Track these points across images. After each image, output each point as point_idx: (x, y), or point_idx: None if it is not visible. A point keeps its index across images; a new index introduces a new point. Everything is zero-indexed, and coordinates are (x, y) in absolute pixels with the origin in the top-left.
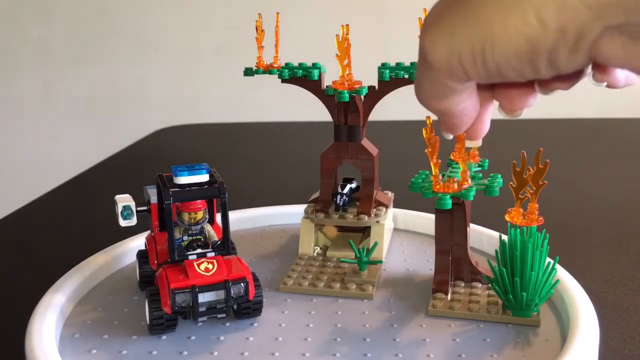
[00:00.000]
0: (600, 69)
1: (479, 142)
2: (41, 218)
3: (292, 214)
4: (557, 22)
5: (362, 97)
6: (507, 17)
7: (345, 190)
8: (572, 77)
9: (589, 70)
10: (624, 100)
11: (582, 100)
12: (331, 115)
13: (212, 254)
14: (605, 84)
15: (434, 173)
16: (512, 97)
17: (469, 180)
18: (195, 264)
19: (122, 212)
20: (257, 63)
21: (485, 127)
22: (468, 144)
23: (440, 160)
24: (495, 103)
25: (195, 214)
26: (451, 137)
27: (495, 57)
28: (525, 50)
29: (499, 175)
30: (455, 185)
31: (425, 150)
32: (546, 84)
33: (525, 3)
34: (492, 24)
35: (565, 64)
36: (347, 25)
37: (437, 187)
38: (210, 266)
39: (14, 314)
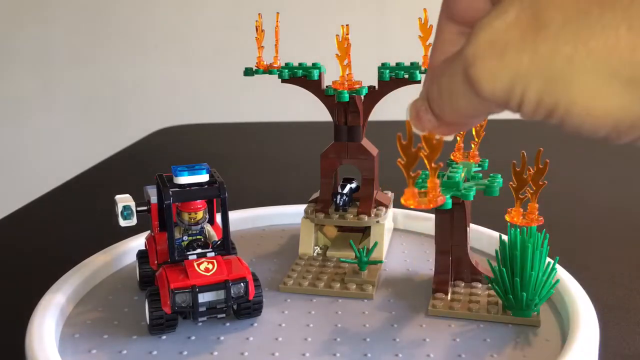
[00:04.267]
0: None
1: (451, 137)
2: (41, 218)
3: (292, 214)
4: None
5: (362, 97)
6: (601, 91)
7: (345, 190)
8: None
9: None
10: None
11: None
12: (331, 115)
13: (212, 254)
14: None
15: (431, 180)
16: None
17: (439, 194)
18: (195, 264)
19: (122, 212)
20: (257, 63)
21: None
22: (442, 137)
23: (441, 164)
24: None
25: (195, 214)
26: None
27: (565, 120)
28: (607, 130)
29: (499, 175)
30: (426, 200)
31: (398, 161)
32: None
33: (634, 84)
34: (574, 91)
35: None
36: (347, 25)
37: (407, 199)
38: (210, 266)
39: (14, 314)
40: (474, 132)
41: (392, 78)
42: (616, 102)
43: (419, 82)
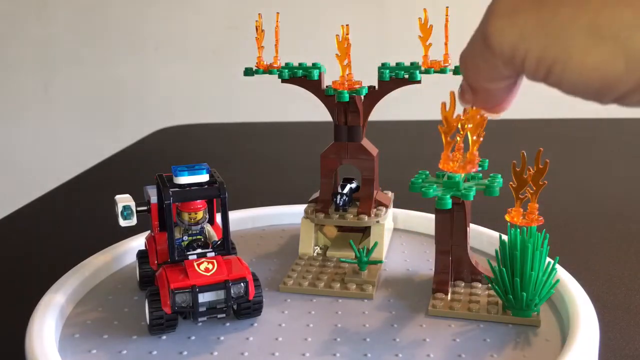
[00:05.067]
0: None
1: (499, 115)
2: (41, 218)
3: (292, 214)
4: None
5: (362, 97)
6: (591, 47)
7: (345, 190)
8: None
9: None
10: None
11: (582, 100)
12: (331, 115)
13: (212, 254)
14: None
15: (444, 152)
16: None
17: (477, 164)
18: (195, 264)
19: (122, 212)
20: (257, 63)
21: (510, 105)
22: (488, 115)
23: (457, 139)
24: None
25: (195, 214)
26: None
27: (562, 76)
28: (597, 85)
29: (499, 175)
30: (468, 167)
31: (439, 127)
32: None
33: (617, 43)
34: (570, 48)
35: (633, 103)
36: (347, 25)
37: (445, 165)
38: (210, 266)
39: (14, 314)
40: None
41: (392, 78)
42: (602, 58)
43: (419, 82)
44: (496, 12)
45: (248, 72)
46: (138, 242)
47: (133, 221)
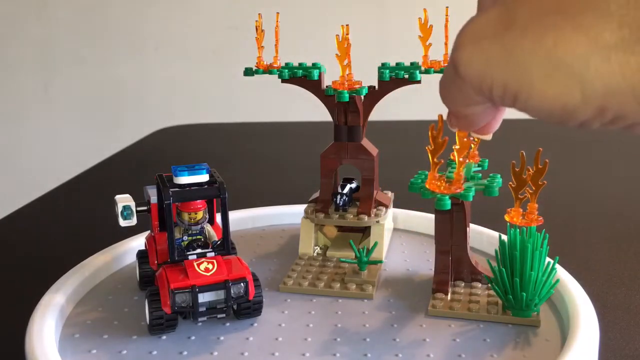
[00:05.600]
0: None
1: (489, 137)
2: (41, 218)
3: (292, 214)
4: (601, 103)
5: (362, 97)
6: (550, 78)
7: (345, 190)
8: None
9: None
10: None
11: None
12: (331, 115)
13: (212, 254)
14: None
15: (431, 171)
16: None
17: (462, 183)
18: (195, 264)
19: (122, 212)
20: (257, 63)
21: (497, 126)
22: (477, 136)
23: (442, 160)
24: None
25: (195, 214)
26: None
27: (526, 104)
28: (559, 113)
29: (499, 175)
30: (451, 187)
31: (427, 148)
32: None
33: (573, 74)
34: (532, 77)
35: (593, 127)
36: (347, 25)
37: (431, 185)
38: (210, 266)
39: (14, 314)
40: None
41: (392, 78)
42: (560, 90)
43: (419, 82)
44: (464, 39)
45: (248, 72)
46: (138, 242)
47: (133, 221)
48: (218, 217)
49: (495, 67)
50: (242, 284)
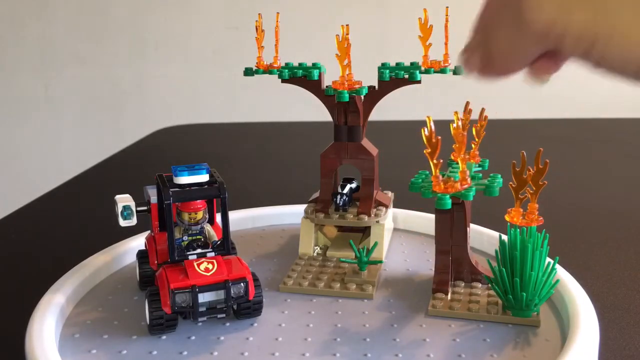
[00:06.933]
0: None
1: (547, 80)
2: (41, 218)
3: (292, 214)
4: None
5: (362, 97)
6: (636, 19)
7: (345, 190)
8: None
9: None
10: (624, 101)
11: (582, 100)
12: (331, 115)
13: (212, 254)
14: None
15: (434, 174)
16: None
17: (469, 180)
18: (195, 264)
19: (122, 212)
20: (257, 63)
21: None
22: (537, 78)
23: (441, 160)
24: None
25: (195, 214)
26: (475, 71)
27: (604, 52)
28: (638, 62)
29: (499, 175)
30: (458, 185)
31: (425, 151)
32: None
33: None
34: (617, 20)
35: None
36: (347, 25)
37: (437, 187)
38: (210, 266)
39: (14, 314)
40: (474, 132)
41: (392, 78)
42: None
43: (419, 82)
44: None
45: (248, 72)
46: (138, 242)
47: (133, 221)
48: (218, 217)
49: (570, 11)
50: (242, 284)
